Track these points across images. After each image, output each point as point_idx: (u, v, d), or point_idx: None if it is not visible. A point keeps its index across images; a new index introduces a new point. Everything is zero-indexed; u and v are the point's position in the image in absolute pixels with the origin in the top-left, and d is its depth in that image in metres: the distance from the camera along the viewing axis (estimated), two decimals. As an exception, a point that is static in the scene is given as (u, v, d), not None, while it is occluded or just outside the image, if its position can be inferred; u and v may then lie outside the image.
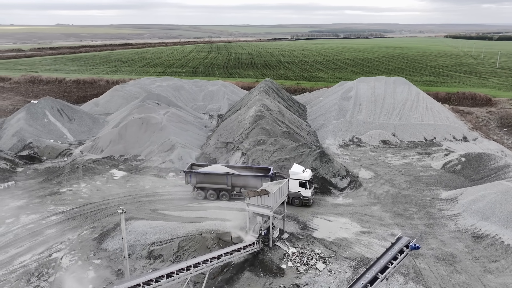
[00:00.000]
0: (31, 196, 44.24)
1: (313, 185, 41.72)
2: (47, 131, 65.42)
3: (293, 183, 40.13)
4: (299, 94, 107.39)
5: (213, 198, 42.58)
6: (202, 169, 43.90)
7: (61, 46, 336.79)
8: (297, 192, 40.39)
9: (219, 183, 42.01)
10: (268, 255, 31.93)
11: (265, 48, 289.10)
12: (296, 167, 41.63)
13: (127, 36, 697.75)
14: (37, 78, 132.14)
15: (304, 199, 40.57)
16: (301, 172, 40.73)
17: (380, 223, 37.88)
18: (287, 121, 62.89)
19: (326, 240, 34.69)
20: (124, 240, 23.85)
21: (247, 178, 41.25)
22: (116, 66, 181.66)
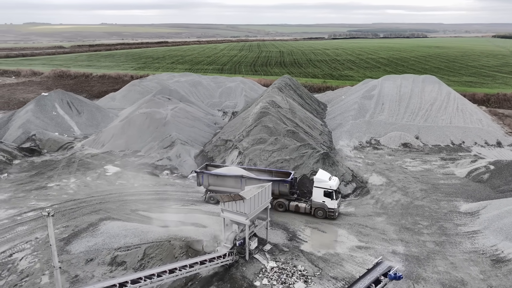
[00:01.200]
0: (17, 190, 42.70)
1: (340, 195, 37.09)
2: (55, 124, 64.61)
3: (317, 192, 35.81)
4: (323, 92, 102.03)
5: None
6: (215, 170, 40.04)
7: (100, 43, 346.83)
8: (321, 202, 35.66)
9: (233, 186, 37.36)
10: (242, 269, 28.00)
11: (298, 47, 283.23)
12: (321, 174, 36.88)
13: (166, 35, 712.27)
14: (65, 72, 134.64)
15: (329, 211, 35.59)
16: (326, 179, 35.97)
17: (381, 238, 32.91)
18: (297, 119, 58.43)
19: (314, 255, 30.28)
20: (53, 247, 20.75)
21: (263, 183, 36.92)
22: (146, 62, 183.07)
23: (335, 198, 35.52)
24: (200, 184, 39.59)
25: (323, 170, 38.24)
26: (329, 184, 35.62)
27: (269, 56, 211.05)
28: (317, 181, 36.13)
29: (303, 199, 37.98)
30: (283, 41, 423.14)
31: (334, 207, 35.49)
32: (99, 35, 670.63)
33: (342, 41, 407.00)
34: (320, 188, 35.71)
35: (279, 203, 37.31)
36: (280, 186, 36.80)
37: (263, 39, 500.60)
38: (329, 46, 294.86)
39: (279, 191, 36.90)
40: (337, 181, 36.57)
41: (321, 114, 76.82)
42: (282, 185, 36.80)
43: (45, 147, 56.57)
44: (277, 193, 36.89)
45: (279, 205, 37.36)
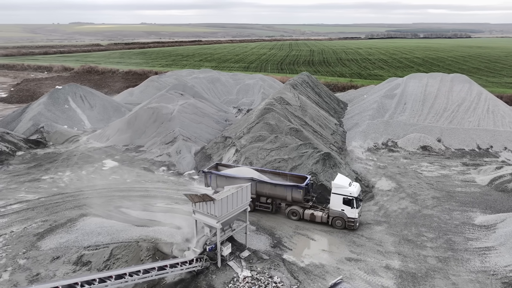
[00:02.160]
0: (11, 181, 42.28)
1: (361, 203, 33.18)
2: (66, 117, 64.75)
3: (336, 199, 32.13)
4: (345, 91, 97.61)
5: None
6: (224, 171, 37.09)
7: (135, 42, 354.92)
8: (340, 211, 31.94)
9: None
10: (210, 277, 25.47)
11: (330, 46, 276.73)
12: (340, 179, 33.18)
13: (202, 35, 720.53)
14: (94, 68, 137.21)
15: (349, 220, 31.80)
16: (346, 185, 32.11)
17: (376, 250, 29.34)
18: (307, 117, 55.15)
19: (296, 265, 27.26)
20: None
21: (274, 187, 33.97)
22: (174, 60, 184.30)
23: (356, 207, 31.58)
24: (208, 185, 36.69)
25: (342, 175, 34.40)
26: (349, 190, 31.75)
27: (298, 55, 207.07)
28: (335, 187, 32.26)
29: (319, 206, 34.08)
30: (317, 40, 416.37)
31: (354, 217, 31.60)
32: (138, 34, 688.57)
33: (378, 41, 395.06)
34: (339, 195, 31.96)
35: (292, 211, 33.76)
36: (293, 192, 33.34)
37: (297, 38, 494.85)
38: (363, 45, 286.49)
39: (292, 197, 33.48)
40: (358, 187, 32.58)
41: (339, 113, 72.90)
42: (296, 191, 33.23)
43: (51, 140, 56.50)
44: (290, 200, 33.63)
45: (292, 213, 33.78)
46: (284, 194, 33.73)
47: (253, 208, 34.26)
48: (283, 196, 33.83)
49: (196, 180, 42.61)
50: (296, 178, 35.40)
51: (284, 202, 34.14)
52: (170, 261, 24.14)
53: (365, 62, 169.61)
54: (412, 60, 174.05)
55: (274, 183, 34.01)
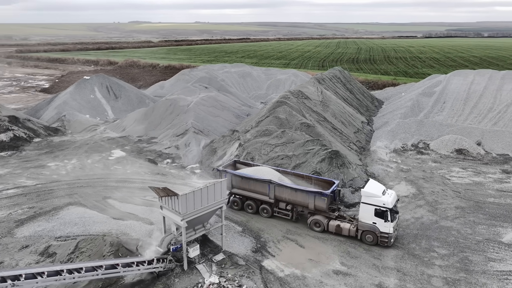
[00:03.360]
0: (18, 167, 42.52)
1: (397, 216, 27.89)
2: (90, 107, 65.43)
3: (366, 210, 27.24)
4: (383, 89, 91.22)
5: (251, 211, 31.64)
6: (241, 170, 33.21)
7: (184, 39, 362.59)
8: (371, 224, 26.92)
9: (260, 192, 30.87)
10: (172, 281, 22.93)
11: (380, 44, 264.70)
12: (372, 186, 28.20)
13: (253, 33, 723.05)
14: (136, 63, 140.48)
15: (382, 236, 26.73)
16: (379, 194, 27.02)
17: (372, 264, 25.24)
18: (328, 113, 51.05)
19: (274, 274, 23.98)
20: None
21: (295, 192, 29.53)
22: (216, 56, 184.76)
23: (390, 220, 26.54)
24: None
25: (374, 181, 29.58)
26: (382, 200, 26.70)
27: (344, 52, 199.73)
28: (365, 196, 27.34)
29: (347, 217, 29.30)
30: (369, 39, 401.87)
31: (388, 231, 26.55)
32: (191, 33, 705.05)
33: (436, 40, 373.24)
34: (370, 205, 27.04)
35: (315, 221, 29.04)
36: (316, 199, 28.68)
37: (347, 36, 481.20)
38: (416, 44, 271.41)
39: (315, 205, 28.93)
40: (393, 196, 27.64)
41: (371, 111, 67.61)
42: (319, 198, 28.56)
43: (70, 128, 57.01)
44: (313, 208, 29.15)
45: (315, 224, 29.11)
46: (306, 201, 29.20)
47: (271, 214, 30.85)
48: (305, 203, 29.35)
49: (197, 174, 40.36)
50: (322, 182, 30.97)
51: (307, 210, 29.62)
52: (124, 259, 21.92)
53: (415, 60, 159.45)
54: (467, 59, 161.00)
55: (295, 188, 29.53)
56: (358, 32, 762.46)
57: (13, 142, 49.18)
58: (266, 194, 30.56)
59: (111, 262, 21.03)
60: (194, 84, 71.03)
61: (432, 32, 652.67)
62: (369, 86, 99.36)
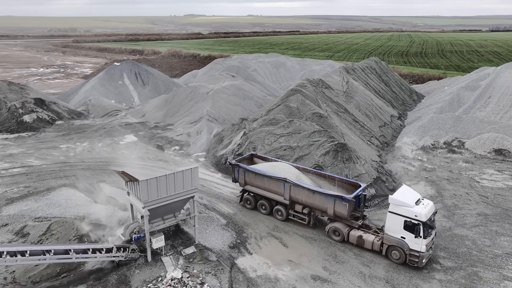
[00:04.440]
0: (33, 147, 43.36)
1: (434, 232, 23.16)
2: (117, 93, 66.21)
3: (394, 220, 22.65)
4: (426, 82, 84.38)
5: (264, 211, 28.35)
6: (259, 165, 29.60)
7: (232, 31, 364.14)
8: (399, 239, 22.44)
9: (274, 191, 27.46)
10: (132, 272, 21.42)
11: (436, 38, 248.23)
12: (403, 192, 23.52)
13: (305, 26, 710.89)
14: (178, 52, 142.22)
15: (411, 254, 22.14)
16: (411, 203, 22.33)
17: (358, 271, 22.12)
18: (351, 105, 47.30)
19: (245, 274, 21.71)
20: None
21: (312, 194, 25.57)
22: (260, 48, 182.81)
23: (423, 235, 21.75)
24: (235, 180, 29.94)
25: (408, 187, 24.68)
26: (415, 211, 21.95)
27: (394, 45, 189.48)
28: (393, 204, 22.67)
29: (373, 227, 24.96)
30: (426, 32, 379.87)
31: (419, 250, 21.84)
32: (243, 26, 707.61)
33: (503, 34, 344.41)
34: (399, 215, 22.43)
35: (333, 229, 25.08)
36: (336, 204, 24.54)
37: (403, 30, 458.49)
38: (478, 37, 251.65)
39: (335, 211, 24.83)
40: (429, 207, 22.54)
41: (408, 105, 62.39)
42: (340, 203, 24.36)
43: (93, 112, 57.81)
44: (332, 214, 25.08)
45: (334, 232, 25.17)
46: (324, 205, 25.17)
47: (285, 216, 27.33)
48: (323, 208, 25.38)
49: (200, 162, 38.73)
50: (346, 184, 26.94)
51: (326, 215, 25.83)
52: (78, 245, 20.69)
53: (471, 54, 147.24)
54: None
55: (312, 189, 25.59)
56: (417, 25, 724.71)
57: (36, 124, 50.52)
58: (281, 194, 26.98)
59: (63, 247, 19.86)
60: (221, 72, 69.60)
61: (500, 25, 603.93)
62: (414, 79, 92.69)
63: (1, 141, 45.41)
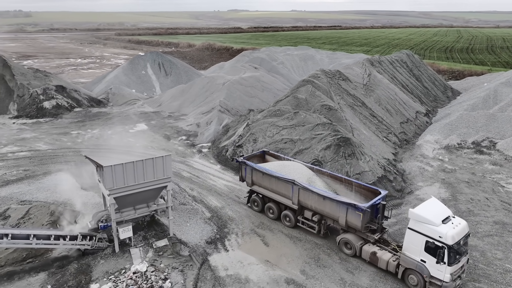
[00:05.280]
0: (45, 132, 44.02)
1: (465, 258, 19.01)
2: (140, 82, 66.55)
3: (413, 239, 18.90)
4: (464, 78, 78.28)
5: (272, 215, 25.52)
6: (264, 164, 26.89)
7: (272, 26, 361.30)
8: (418, 262, 18.79)
9: (282, 194, 24.42)
10: (97, 262, 20.49)
11: (488, 33, 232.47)
12: (429, 206, 19.51)
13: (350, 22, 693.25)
14: (212, 45, 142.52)
15: (432, 282, 18.45)
16: (436, 220, 18.43)
17: (339, 278, 19.88)
18: (370, 98, 44.20)
19: (214, 272, 20.15)
20: None
21: (322, 200, 22.16)
22: (296, 42, 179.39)
23: (448, 262, 17.86)
24: (242, 179, 27.05)
25: (436, 200, 20.44)
26: (440, 230, 17.99)
27: (439, 40, 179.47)
28: (414, 219, 18.89)
29: (393, 244, 21.08)
30: (479, 28, 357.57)
31: (442, 278, 18.11)
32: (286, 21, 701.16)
33: None
34: (419, 233, 18.67)
35: (345, 241, 21.79)
36: (348, 213, 21.05)
37: (453, 25, 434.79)
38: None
39: (347, 221, 21.33)
40: (460, 228, 18.44)
41: (440, 102, 57.95)
42: (353, 212, 20.82)
43: (113, 101, 58.26)
44: (344, 224, 21.57)
45: (345, 244, 21.90)
46: (335, 213, 21.74)
47: (294, 223, 24.23)
48: (334, 216, 21.97)
49: (202, 153, 37.48)
50: (365, 190, 23.28)
51: (338, 225, 22.33)
52: (40, 230, 19.94)
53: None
54: None
55: (322, 194, 22.17)
56: (470, 21, 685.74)
57: (54, 110, 51.49)
58: (289, 197, 23.94)
59: (24, 232, 19.18)
60: (244, 64, 68.10)
61: None
62: (453, 75, 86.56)
63: (19, 126, 46.57)
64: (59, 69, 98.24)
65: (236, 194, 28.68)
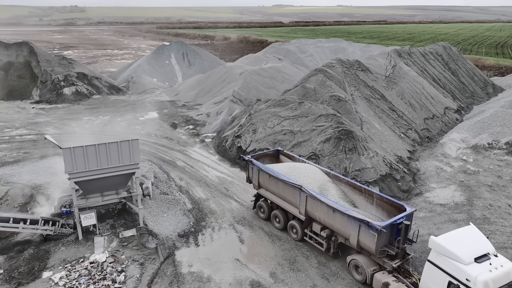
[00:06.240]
0: (59, 118, 44.40)
1: None
2: (162, 72, 66.35)
3: (433, 275, 14.94)
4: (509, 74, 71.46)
5: (278, 225, 22.00)
6: (273, 165, 23.31)
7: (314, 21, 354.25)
8: None
9: (289, 201, 20.92)
10: (57, 248, 19.57)
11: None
12: (462, 236, 15.20)
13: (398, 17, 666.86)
14: (247, 38, 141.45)
15: None
16: (467, 257, 14.15)
17: (310, 285, 17.64)
18: (392, 91, 40.76)
19: (176, 268, 18.60)
20: None
21: (332, 213, 18.33)
22: (335, 36, 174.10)
23: None
24: (249, 181, 23.69)
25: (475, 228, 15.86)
26: (469, 271, 13.79)
27: (491, 36, 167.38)
28: (436, 250, 14.86)
29: (415, 276, 16.71)
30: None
31: None
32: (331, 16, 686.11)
33: None
34: (441, 270, 14.63)
35: (355, 263, 17.95)
36: (361, 232, 17.20)
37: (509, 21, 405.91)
38: None
39: (359, 241, 17.49)
40: (503, 272, 13.97)
41: (478, 99, 52.97)
42: (366, 232, 16.97)
43: (132, 89, 58.27)
44: (355, 244, 17.75)
45: (355, 268, 18.06)
46: (346, 230, 17.93)
47: (301, 236, 20.61)
48: (344, 233, 18.16)
49: (204, 143, 36.02)
50: (387, 204, 19.03)
51: (349, 244, 18.37)
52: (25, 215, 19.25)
53: None
54: None
55: (331, 206, 18.23)
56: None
57: (73, 96, 52.12)
58: (297, 205, 20.36)
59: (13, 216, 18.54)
60: (267, 55, 66.00)
61: None
62: (499, 71, 79.58)
63: (36, 110, 47.44)
64: (94, 59, 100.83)
65: (225, 187, 26.93)
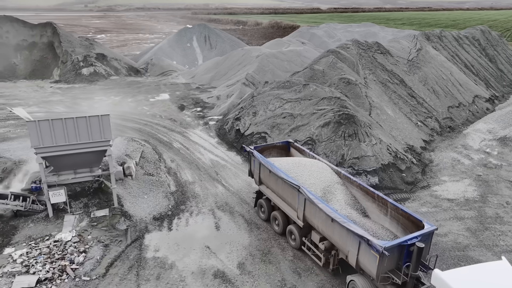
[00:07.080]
0: (72, 97, 44.61)
1: None
2: (183, 54, 65.63)
3: None
4: None
5: (277, 228, 18.95)
6: (275, 159, 20.17)
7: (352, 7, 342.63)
8: None
9: (289, 202, 17.89)
10: (26, 225, 19.06)
11: None
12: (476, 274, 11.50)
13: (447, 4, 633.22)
14: (278, 24, 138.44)
15: None
16: None
17: (278, 279, 16.05)
18: (414, 76, 37.66)
19: (141, 252, 17.59)
20: None
21: (331, 223, 14.91)
22: (373, 22, 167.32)
23: None
24: (251, 175, 20.91)
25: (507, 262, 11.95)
26: None
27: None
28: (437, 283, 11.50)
29: None
30: None
31: None
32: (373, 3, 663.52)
33: None
34: None
35: (353, 285, 14.58)
36: (361, 249, 13.79)
37: None
38: None
39: (358, 260, 14.09)
40: None
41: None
42: (366, 251, 13.51)
43: (150, 71, 57.91)
44: (354, 262, 14.34)
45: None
46: (345, 245, 14.64)
47: (299, 245, 17.47)
48: (343, 248, 14.85)
49: (207, 126, 34.75)
50: (403, 218, 15.31)
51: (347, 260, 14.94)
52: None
53: None
54: None
55: (329, 214, 14.89)
56: None
57: (91, 77, 52.38)
58: (295, 208, 17.27)
59: None
60: (290, 38, 63.57)
61: None
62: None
63: (53, 89, 48.04)
64: (124, 42, 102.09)
65: (216, 170, 25.56)
